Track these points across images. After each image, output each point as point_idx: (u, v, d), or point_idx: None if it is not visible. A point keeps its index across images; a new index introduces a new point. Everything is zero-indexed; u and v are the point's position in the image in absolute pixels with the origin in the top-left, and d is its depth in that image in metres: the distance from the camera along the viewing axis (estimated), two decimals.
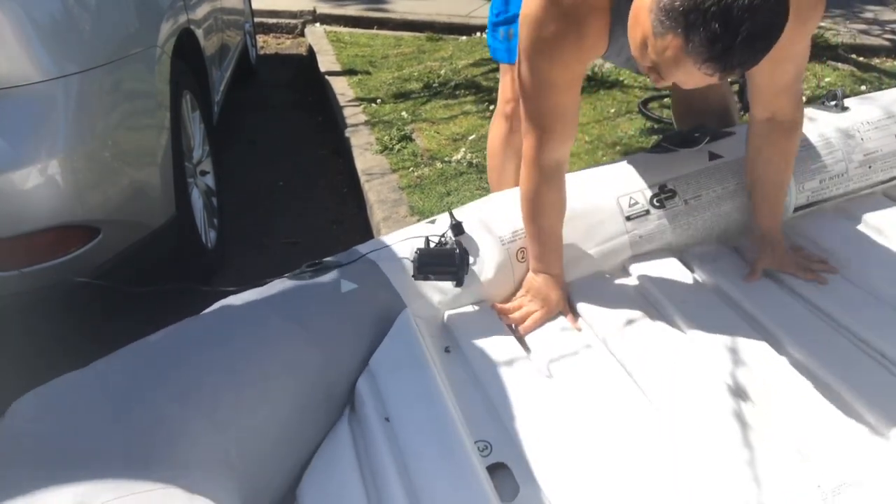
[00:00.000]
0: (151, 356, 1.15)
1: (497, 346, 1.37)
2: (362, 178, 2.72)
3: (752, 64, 1.04)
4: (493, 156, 1.95)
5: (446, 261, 1.40)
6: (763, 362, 1.31)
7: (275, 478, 1.16)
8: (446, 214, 1.51)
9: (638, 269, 1.56)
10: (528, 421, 1.20)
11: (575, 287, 1.53)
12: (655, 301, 1.50)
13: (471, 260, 1.45)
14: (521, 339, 1.42)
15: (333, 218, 2.70)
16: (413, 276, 1.40)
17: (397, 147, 2.96)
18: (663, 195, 1.59)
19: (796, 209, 1.70)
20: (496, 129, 1.92)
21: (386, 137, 3.04)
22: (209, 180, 2.40)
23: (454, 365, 1.36)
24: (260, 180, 3.00)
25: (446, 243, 1.44)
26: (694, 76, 1.05)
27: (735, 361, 1.32)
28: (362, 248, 1.46)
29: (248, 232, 2.55)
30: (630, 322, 1.43)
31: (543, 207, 1.43)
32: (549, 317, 1.46)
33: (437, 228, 1.48)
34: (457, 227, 1.46)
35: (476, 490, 1.03)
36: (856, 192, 1.77)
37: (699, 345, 1.37)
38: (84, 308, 1.62)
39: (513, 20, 1.76)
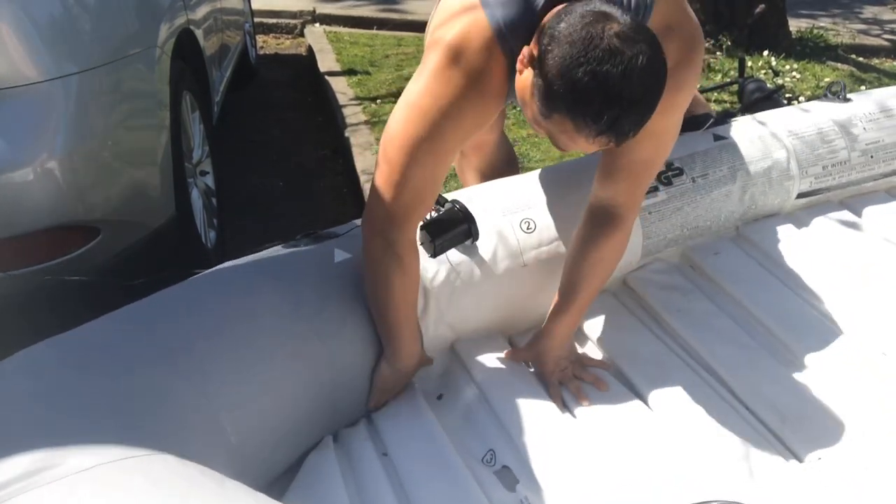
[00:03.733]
0: (140, 321, 1.13)
1: (500, 364, 1.36)
2: (362, 178, 2.72)
3: (642, 125, 1.02)
4: (458, 171, 1.97)
5: (453, 221, 1.32)
6: (755, 371, 1.32)
7: (272, 464, 1.15)
8: None
9: (635, 280, 1.57)
10: (529, 427, 1.21)
11: None
12: (652, 311, 1.50)
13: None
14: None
15: (333, 218, 2.70)
16: (431, 255, 1.32)
17: None
18: (671, 172, 1.58)
19: (799, 195, 1.70)
20: None
21: None
22: (209, 180, 2.40)
23: (458, 383, 1.36)
24: (260, 180, 3.00)
25: (440, 209, 1.36)
26: (592, 147, 1.04)
27: (729, 371, 1.33)
28: (359, 221, 1.42)
29: (248, 232, 2.55)
30: (631, 334, 1.45)
31: (402, 296, 1.23)
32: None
33: None
34: (437, 199, 1.37)
35: None
36: (858, 182, 1.77)
37: (696, 352, 1.39)
38: (84, 308, 1.62)
39: None
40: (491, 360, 1.37)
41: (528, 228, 1.44)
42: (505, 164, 1.85)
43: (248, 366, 1.12)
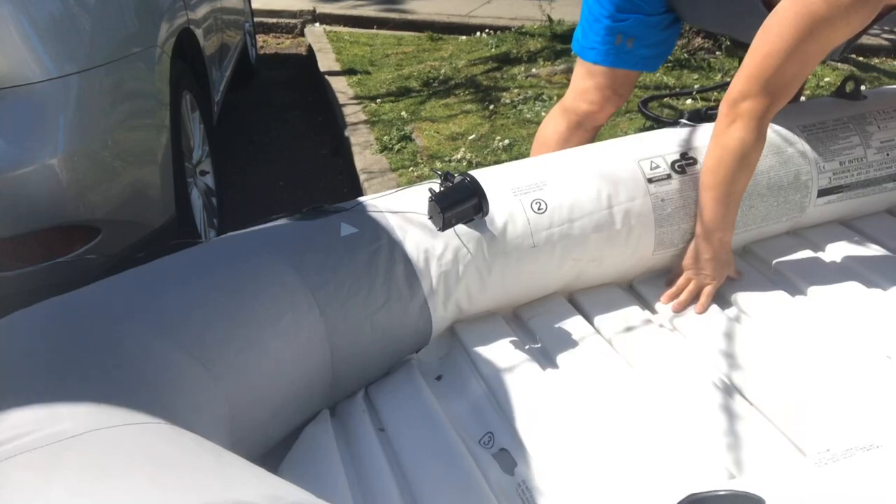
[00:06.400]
0: (138, 287, 1.10)
1: (501, 348, 1.36)
2: (362, 178, 2.72)
3: None
4: (543, 146, 1.90)
5: (464, 195, 1.32)
6: (757, 358, 1.33)
7: (267, 435, 1.13)
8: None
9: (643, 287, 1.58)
10: (528, 412, 1.22)
11: (580, 292, 1.53)
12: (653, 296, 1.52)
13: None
14: (525, 340, 1.42)
15: None
16: (440, 228, 1.32)
17: (397, 147, 2.96)
18: (684, 161, 1.57)
19: (820, 193, 1.67)
20: (556, 124, 1.89)
21: (385, 137, 3.04)
22: (209, 180, 2.40)
23: (458, 365, 1.36)
24: (260, 180, 3.00)
25: (451, 181, 1.36)
26: None
27: (728, 359, 1.34)
28: (363, 199, 1.42)
29: None
30: (631, 319, 1.45)
31: (750, 166, 1.46)
32: (721, 284, 1.50)
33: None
34: (446, 176, 1.37)
35: (478, 498, 1.04)
36: (879, 182, 1.75)
37: (694, 338, 1.40)
38: None
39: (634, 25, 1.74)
40: (491, 343, 1.37)
41: (539, 209, 1.44)
42: None
43: (247, 336, 1.09)
